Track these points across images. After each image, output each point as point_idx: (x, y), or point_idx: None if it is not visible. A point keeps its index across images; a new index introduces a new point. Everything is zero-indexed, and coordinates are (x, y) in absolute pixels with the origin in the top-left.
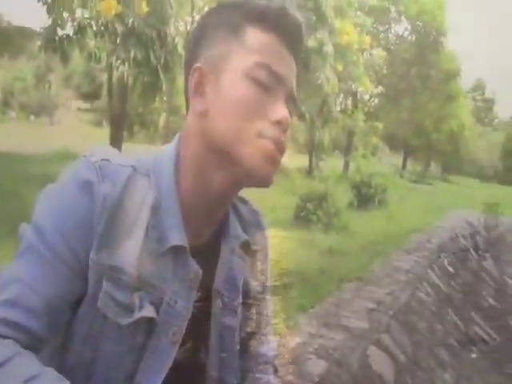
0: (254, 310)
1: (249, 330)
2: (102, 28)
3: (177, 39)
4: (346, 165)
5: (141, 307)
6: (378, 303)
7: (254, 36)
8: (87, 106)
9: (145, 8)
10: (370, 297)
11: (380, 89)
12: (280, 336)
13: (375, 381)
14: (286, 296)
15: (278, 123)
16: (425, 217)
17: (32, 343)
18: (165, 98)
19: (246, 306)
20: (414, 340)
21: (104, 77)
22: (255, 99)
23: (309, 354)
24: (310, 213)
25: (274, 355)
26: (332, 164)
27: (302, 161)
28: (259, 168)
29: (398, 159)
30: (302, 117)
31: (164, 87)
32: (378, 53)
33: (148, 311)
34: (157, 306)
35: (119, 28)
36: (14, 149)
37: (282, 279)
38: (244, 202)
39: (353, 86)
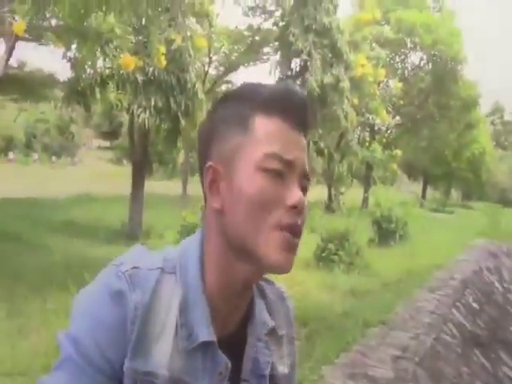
0: None
1: None
2: (124, 77)
3: (197, 85)
4: (365, 200)
5: None
6: (403, 349)
7: (261, 125)
8: (107, 144)
9: (163, 62)
10: (395, 343)
11: (397, 119)
12: None
13: None
14: (309, 345)
15: (294, 208)
16: (447, 250)
17: None
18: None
19: None
20: None
21: (123, 117)
22: (269, 190)
23: None
24: (331, 253)
25: None
26: (351, 196)
27: (321, 192)
28: (278, 261)
29: (416, 187)
30: (320, 152)
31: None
32: (395, 84)
33: None
34: None
35: (139, 78)
36: (37, 193)
37: (305, 327)
38: (268, 282)
39: (370, 118)
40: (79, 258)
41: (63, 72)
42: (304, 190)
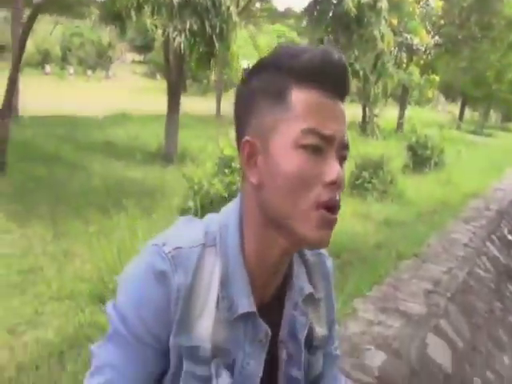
0: (320, 353)
1: (316, 372)
2: (160, 0)
3: (231, 8)
4: (400, 123)
5: (217, 375)
6: (436, 283)
7: (298, 99)
8: (141, 58)
9: None
10: (428, 276)
11: (437, 39)
12: (338, 324)
13: (434, 372)
14: (342, 278)
15: (333, 184)
16: (484, 177)
17: None
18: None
19: (312, 350)
20: (472, 323)
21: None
22: (306, 167)
23: (367, 343)
24: (365, 181)
25: None
26: (386, 118)
27: (355, 112)
28: (316, 239)
29: (454, 107)
30: (355, 74)
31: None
32: (435, 2)
33: (224, 380)
34: (231, 369)
35: (175, 1)
36: (75, 110)
37: (338, 258)
38: None
39: (408, 38)
40: (118, 180)
41: None
42: (342, 160)
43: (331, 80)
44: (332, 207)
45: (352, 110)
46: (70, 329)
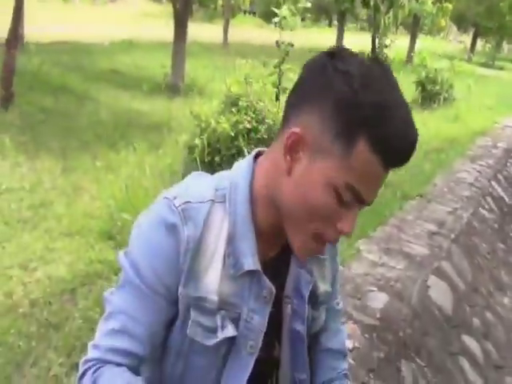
0: (322, 309)
1: (318, 327)
2: None
3: None
4: (411, 54)
5: (223, 327)
6: (440, 225)
7: (361, 155)
8: None
9: None
10: (432, 217)
11: None
12: (342, 265)
13: (434, 313)
14: None
15: (342, 233)
16: (493, 114)
17: (138, 364)
18: None
19: (315, 306)
20: (474, 263)
21: None
22: (330, 210)
23: (370, 285)
24: None
25: (343, 344)
26: (396, 48)
27: (364, 40)
28: (300, 256)
29: (465, 38)
30: (366, 3)
31: None
32: None
33: (229, 331)
34: (236, 322)
35: None
36: (81, 36)
37: None
38: None
39: None
40: (125, 112)
41: None
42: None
43: (399, 160)
44: (328, 243)
45: (361, 39)
46: (81, 265)
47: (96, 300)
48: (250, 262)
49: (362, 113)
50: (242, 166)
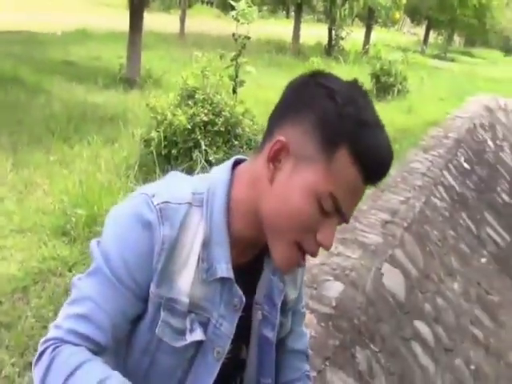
0: (290, 314)
1: (286, 331)
2: None
3: None
4: (366, 50)
5: (192, 330)
6: (393, 214)
7: (342, 166)
8: None
9: None
10: (386, 207)
11: None
12: None
13: (388, 299)
14: None
15: (321, 245)
16: (445, 105)
17: (97, 352)
18: None
19: (284, 313)
20: (425, 251)
21: None
22: (311, 219)
23: (326, 274)
24: None
25: (306, 345)
26: (352, 39)
27: (321, 34)
28: (282, 268)
29: (419, 31)
30: None
31: None
32: None
33: (198, 335)
34: (205, 326)
35: None
36: (33, 25)
37: None
38: None
39: None
40: (79, 105)
41: None
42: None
43: (376, 176)
44: (307, 255)
45: (318, 31)
46: (33, 263)
47: (49, 298)
48: (224, 269)
49: (344, 125)
50: (221, 171)
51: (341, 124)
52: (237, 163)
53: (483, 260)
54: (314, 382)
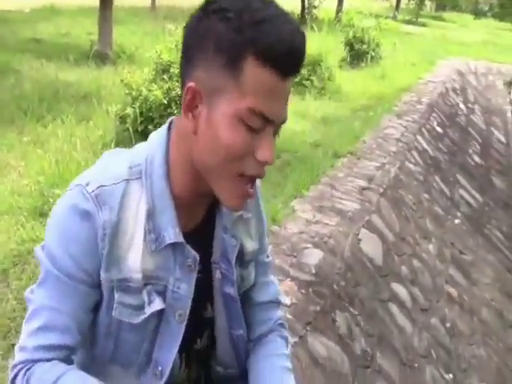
0: (252, 266)
1: (250, 283)
2: None
3: None
4: (339, 17)
5: (150, 302)
6: (369, 180)
7: (253, 74)
8: None
9: None
10: (362, 173)
11: None
12: (279, 225)
13: (366, 264)
14: (281, 178)
15: (263, 163)
16: (417, 70)
17: (70, 354)
18: None
19: (244, 265)
20: (401, 215)
21: None
22: (244, 143)
23: (305, 242)
24: (303, 78)
25: (275, 294)
26: (325, 5)
27: (294, 2)
28: (233, 205)
29: None
30: None
31: None
32: None
33: (157, 304)
34: (162, 294)
35: None
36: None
37: (277, 158)
38: None
39: None
40: (51, 83)
41: None
42: (277, 133)
43: (291, 64)
44: (255, 181)
45: (291, 0)
46: (12, 245)
47: (29, 279)
48: (172, 234)
49: (241, 35)
50: (157, 136)
51: (238, 36)
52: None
53: (457, 221)
54: (295, 347)
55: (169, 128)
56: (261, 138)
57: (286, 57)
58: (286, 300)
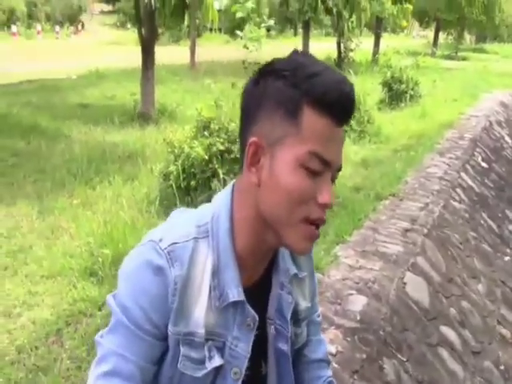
0: (304, 324)
1: (302, 341)
2: None
3: None
4: (376, 59)
5: (210, 357)
6: (413, 221)
7: (310, 121)
8: (109, 7)
9: None
10: (405, 215)
11: None
12: (322, 273)
13: (412, 308)
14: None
15: (324, 206)
16: (459, 106)
17: None
18: None
19: (297, 323)
20: (447, 255)
21: None
22: (305, 188)
23: (349, 289)
24: None
25: (325, 353)
26: (361, 50)
27: (331, 47)
28: (301, 249)
29: (428, 33)
30: (328, 11)
31: None
32: None
33: (216, 361)
34: (221, 351)
35: None
36: (48, 72)
37: None
38: None
39: None
40: (98, 146)
41: None
42: (335, 179)
43: (343, 111)
44: (319, 224)
45: (327, 45)
46: (65, 305)
47: (82, 338)
48: (235, 292)
49: (297, 89)
50: (222, 196)
51: (295, 90)
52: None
53: (507, 258)
54: None
55: (232, 189)
56: (320, 182)
57: (337, 104)
58: (332, 349)
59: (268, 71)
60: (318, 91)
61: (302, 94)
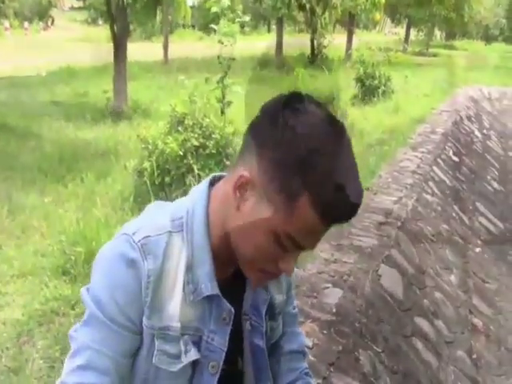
0: (280, 317)
1: (278, 334)
2: None
3: None
4: (349, 55)
5: (186, 351)
6: (387, 214)
7: (304, 212)
8: (80, 3)
9: None
10: (379, 208)
11: None
12: (297, 266)
13: (387, 300)
14: None
15: (283, 272)
16: (430, 101)
17: None
18: None
19: (273, 317)
20: (420, 247)
21: None
22: (272, 252)
23: (325, 282)
24: None
25: (302, 344)
26: (334, 45)
27: (303, 44)
28: (253, 285)
29: (400, 30)
30: (302, 7)
31: None
32: None
33: (192, 354)
34: (197, 345)
35: None
36: (17, 69)
37: None
38: None
39: None
40: (70, 143)
41: None
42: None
43: (343, 221)
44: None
45: (300, 42)
46: (36, 305)
47: (55, 337)
48: (209, 287)
49: (307, 176)
50: (198, 192)
51: (303, 174)
52: (214, 180)
53: (478, 250)
54: None
55: (209, 185)
56: (288, 254)
57: (337, 219)
58: (308, 342)
59: (289, 121)
60: (324, 198)
61: (306, 186)
